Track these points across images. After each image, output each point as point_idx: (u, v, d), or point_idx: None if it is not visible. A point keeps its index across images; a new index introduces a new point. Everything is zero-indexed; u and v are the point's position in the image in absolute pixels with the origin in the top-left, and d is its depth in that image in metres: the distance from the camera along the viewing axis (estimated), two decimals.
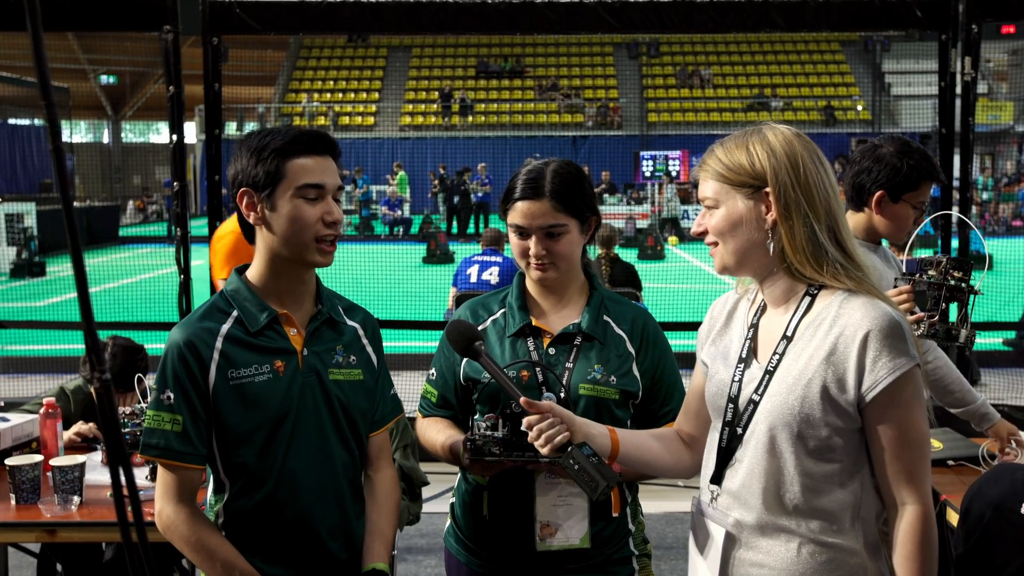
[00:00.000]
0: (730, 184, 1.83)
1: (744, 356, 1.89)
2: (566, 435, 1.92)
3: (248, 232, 2.15)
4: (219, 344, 2.07)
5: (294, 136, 2.06)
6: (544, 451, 1.92)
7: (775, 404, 1.78)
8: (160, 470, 2.10)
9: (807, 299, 1.83)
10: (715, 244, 1.88)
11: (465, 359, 2.35)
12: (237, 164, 2.09)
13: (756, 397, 1.82)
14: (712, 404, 1.94)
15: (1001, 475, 2.33)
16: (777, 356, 1.82)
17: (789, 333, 1.82)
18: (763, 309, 1.91)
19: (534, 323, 2.34)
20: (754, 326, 1.91)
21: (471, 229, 23.85)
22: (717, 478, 1.89)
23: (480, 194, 24.48)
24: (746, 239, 1.83)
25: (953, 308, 2.79)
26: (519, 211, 2.27)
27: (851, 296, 1.78)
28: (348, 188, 26.14)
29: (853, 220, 3.07)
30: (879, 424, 1.75)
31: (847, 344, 1.74)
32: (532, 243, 2.27)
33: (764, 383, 1.82)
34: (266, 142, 2.05)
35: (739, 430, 1.85)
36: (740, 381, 1.87)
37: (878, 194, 3.00)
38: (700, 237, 1.90)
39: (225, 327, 2.08)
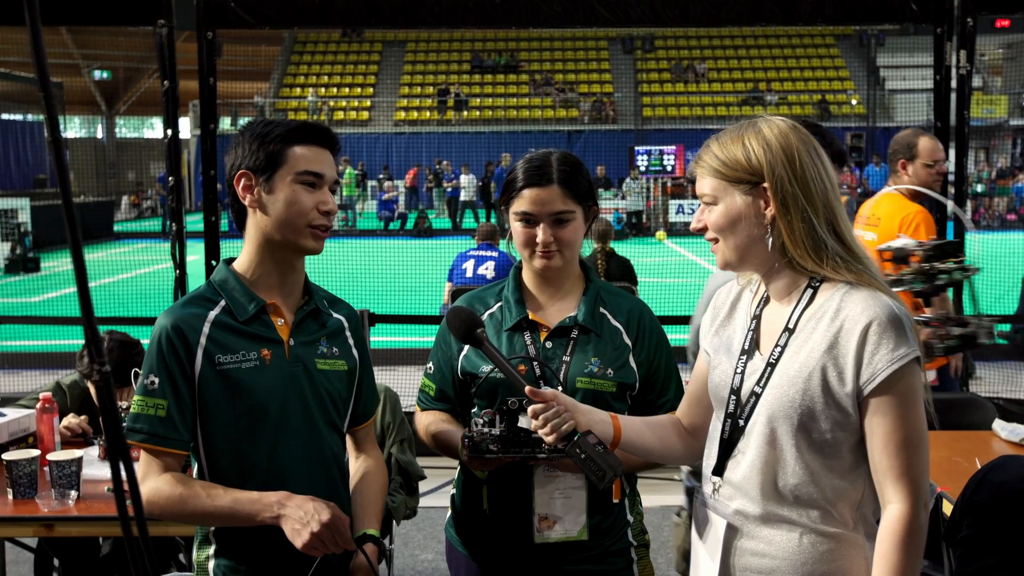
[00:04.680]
0: (727, 180, 1.83)
1: (747, 348, 1.88)
2: (572, 424, 1.91)
3: (238, 219, 2.16)
4: (206, 329, 2.07)
5: (298, 125, 2.12)
6: (549, 440, 1.92)
7: (776, 396, 1.78)
8: (143, 455, 2.08)
9: (809, 291, 1.82)
10: (715, 240, 1.88)
11: (464, 353, 2.36)
12: (237, 150, 2.12)
13: (758, 389, 1.82)
14: (715, 395, 1.94)
15: (1006, 465, 2.34)
16: (779, 348, 1.82)
17: (791, 325, 1.82)
18: (766, 300, 1.91)
19: (531, 317, 2.34)
20: (757, 317, 1.91)
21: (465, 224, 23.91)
22: (719, 469, 1.89)
23: (450, 190, 24.48)
24: (746, 235, 1.83)
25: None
26: (527, 198, 2.27)
27: (853, 289, 1.78)
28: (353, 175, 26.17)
29: None
30: (875, 417, 1.73)
31: (847, 336, 1.74)
32: (540, 230, 2.27)
33: (766, 375, 1.82)
34: (270, 128, 2.10)
35: (741, 422, 1.85)
36: (743, 373, 1.87)
37: None
38: (700, 233, 1.90)
39: (213, 313, 2.10)
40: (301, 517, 1.96)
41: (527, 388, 1.94)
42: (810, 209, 1.77)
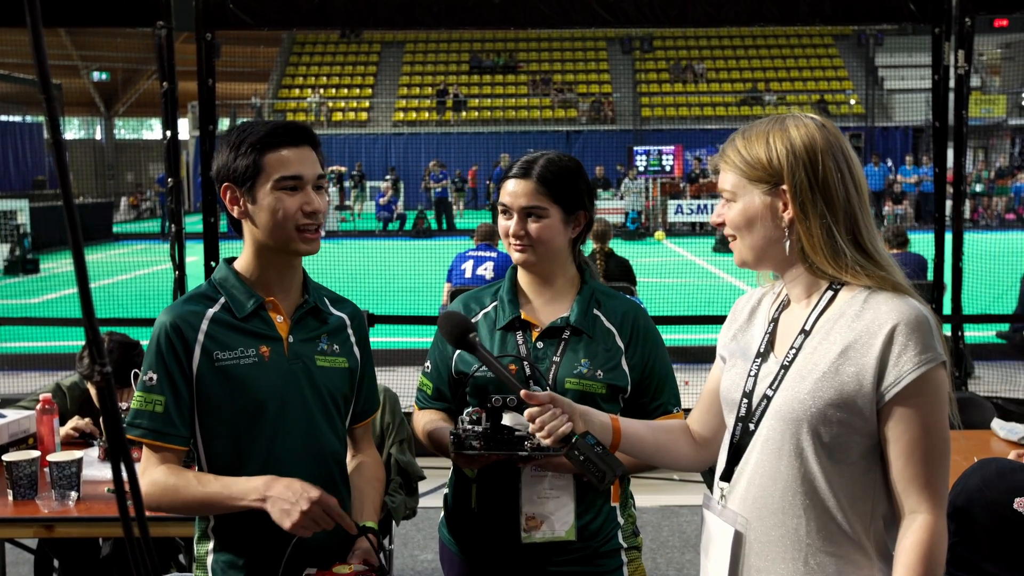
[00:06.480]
0: (747, 178, 1.78)
1: (762, 351, 1.82)
2: (569, 426, 1.88)
3: (234, 225, 2.18)
4: (205, 326, 2.09)
5: (270, 129, 2.09)
6: (547, 443, 1.91)
7: (787, 400, 1.72)
8: (144, 450, 2.11)
9: (829, 293, 1.76)
10: (733, 237, 1.83)
11: (458, 353, 2.36)
12: (219, 159, 2.12)
13: (770, 392, 1.76)
14: (726, 398, 1.88)
15: (987, 469, 2.34)
16: (793, 351, 1.76)
17: (807, 327, 1.76)
18: (786, 304, 1.86)
19: (523, 316, 2.35)
20: (775, 320, 1.85)
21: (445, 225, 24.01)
22: (727, 475, 1.83)
23: (439, 190, 24.51)
24: (763, 235, 1.78)
25: None
26: (505, 189, 2.34)
27: (876, 292, 1.71)
28: (347, 183, 26.25)
29: None
30: (899, 423, 1.66)
31: (870, 338, 1.67)
32: (512, 223, 2.32)
33: (779, 378, 1.75)
34: (243, 137, 2.09)
35: (751, 426, 1.78)
36: (756, 376, 1.80)
37: None
38: (719, 227, 1.85)
39: (212, 310, 2.12)
40: (288, 497, 1.95)
41: (522, 392, 1.93)
42: (830, 215, 1.72)
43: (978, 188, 24.39)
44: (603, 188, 24.67)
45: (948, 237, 6.29)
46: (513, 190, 2.31)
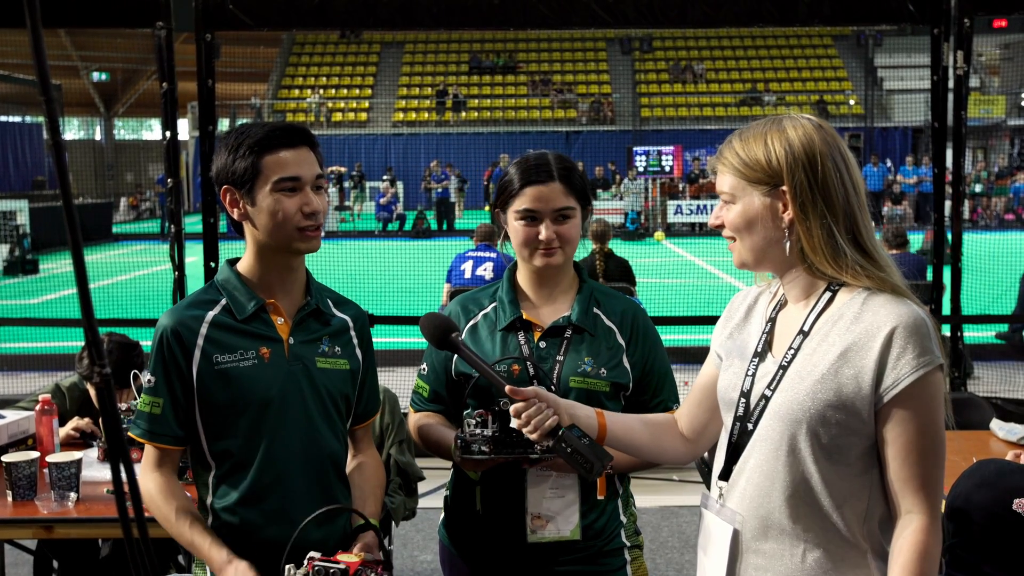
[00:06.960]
0: (746, 180, 1.78)
1: (760, 350, 1.83)
2: (555, 419, 1.91)
3: (235, 227, 2.19)
4: (204, 330, 2.12)
5: (268, 131, 2.10)
6: (534, 437, 1.93)
7: (786, 400, 1.73)
8: (145, 448, 2.18)
9: (827, 295, 1.77)
10: (732, 239, 1.83)
11: (457, 355, 2.36)
12: (218, 161, 2.14)
13: (768, 393, 1.77)
14: (723, 397, 1.89)
15: (985, 470, 2.34)
16: (792, 351, 1.76)
17: (806, 328, 1.77)
18: (783, 304, 1.86)
19: (524, 317, 2.35)
20: (772, 320, 1.86)
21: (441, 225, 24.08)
22: (725, 474, 1.84)
23: (440, 190, 24.53)
24: (763, 237, 1.78)
25: None
26: (530, 195, 2.28)
27: (875, 293, 1.72)
28: (347, 184, 26.31)
29: None
30: (896, 425, 1.67)
31: (869, 340, 1.68)
32: (543, 228, 2.28)
33: (777, 378, 1.76)
34: (242, 139, 2.10)
35: (749, 426, 1.79)
36: (753, 375, 1.81)
37: None
38: (718, 230, 1.86)
39: (212, 313, 2.14)
40: None
41: (507, 387, 1.95)
42: (829, 215, 1.72)
43: (977, 188, 24.40)
44: (603, 188, 24.69)
45: (947, 237, 6.30)
46: (541, 195, 2.27)
